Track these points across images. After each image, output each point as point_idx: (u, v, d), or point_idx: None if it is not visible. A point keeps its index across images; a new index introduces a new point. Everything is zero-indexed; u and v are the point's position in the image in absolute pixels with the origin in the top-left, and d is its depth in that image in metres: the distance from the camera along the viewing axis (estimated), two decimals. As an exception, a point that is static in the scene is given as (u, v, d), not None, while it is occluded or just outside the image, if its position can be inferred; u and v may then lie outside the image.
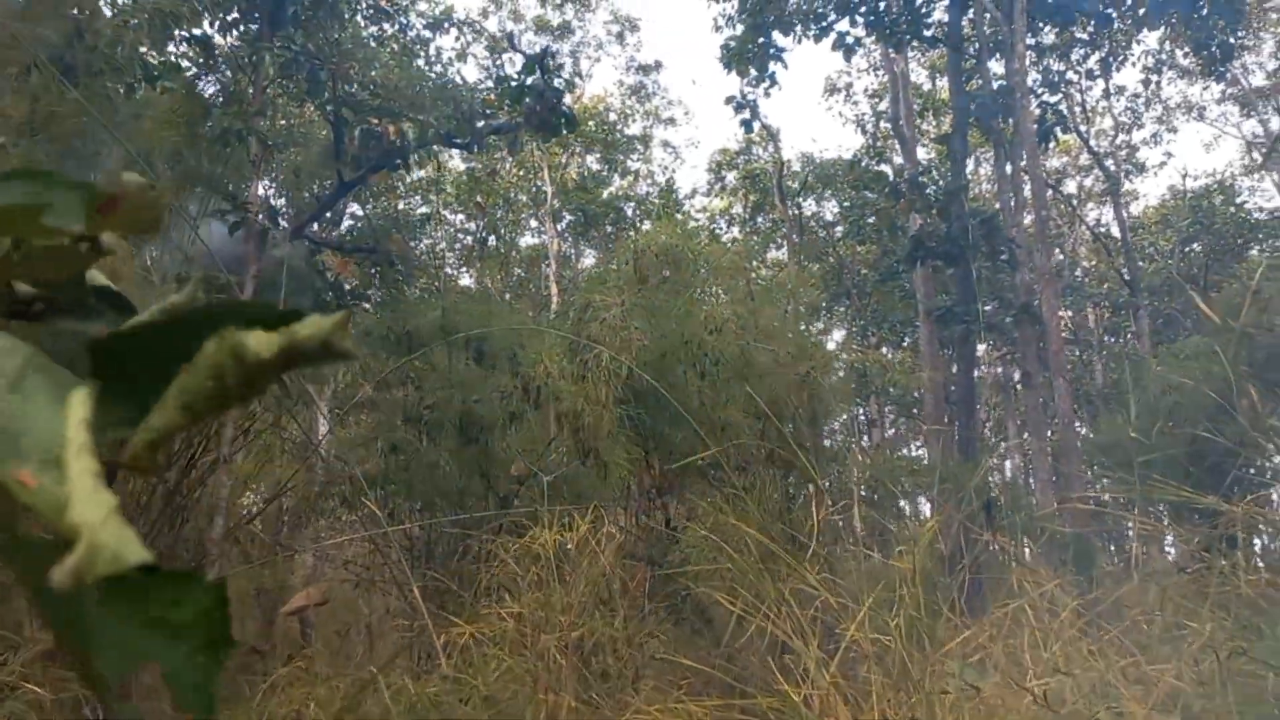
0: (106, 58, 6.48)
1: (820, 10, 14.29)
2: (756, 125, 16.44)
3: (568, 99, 9.79)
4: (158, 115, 7.42)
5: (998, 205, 14.88)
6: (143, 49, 7.28)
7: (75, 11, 6.44)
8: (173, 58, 8.28)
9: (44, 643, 3.05)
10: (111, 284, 0.54)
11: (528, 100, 8.97)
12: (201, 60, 8.77)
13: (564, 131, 9.31)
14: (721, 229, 24.91)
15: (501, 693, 2.96)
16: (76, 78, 6.15)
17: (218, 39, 8.93)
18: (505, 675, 3.05)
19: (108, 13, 7.16)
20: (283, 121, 11.39)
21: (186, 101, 7.46)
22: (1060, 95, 16.33)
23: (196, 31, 8.37)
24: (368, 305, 9.80)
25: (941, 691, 2.20)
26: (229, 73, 9.70)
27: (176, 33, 7.84)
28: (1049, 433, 13.40)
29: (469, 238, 22.42)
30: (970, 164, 18.42)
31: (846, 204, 21.91)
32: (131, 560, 0.33)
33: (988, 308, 11.96)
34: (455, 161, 20.96)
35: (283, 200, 10.51)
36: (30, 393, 0.38)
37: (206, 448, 5.36)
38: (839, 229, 23.11)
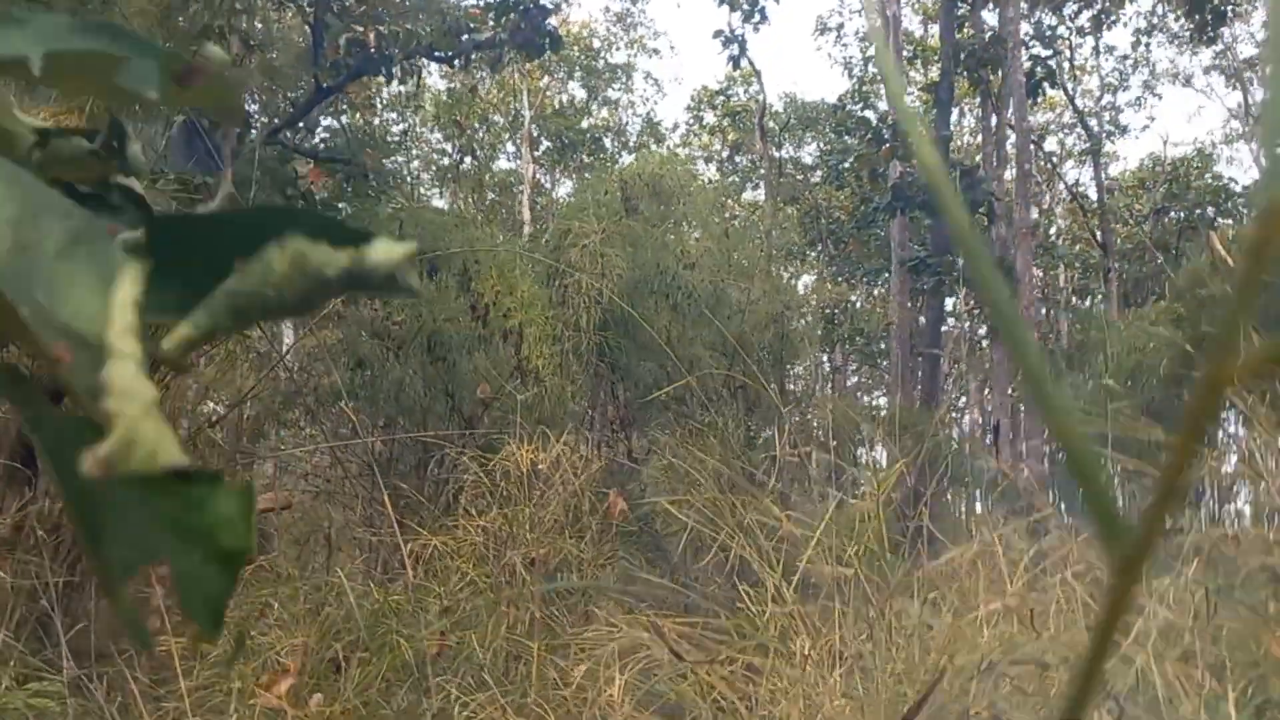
0: (78, -61, 6.22)
1: (816, -54, 14.03)
2: (743, 63, 16.23)
3: (552, 20, 9.58)
4: (131, 6, 7.16)
5: (979, 158, 14.87)
6: (116, -67, 7.00)
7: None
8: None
9: (1, 528, 3.02)
10: (135, 185, 0.51)
11: (512, 16, 8.77)
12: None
13: (548, 51, 9.12)
14: (700, 168, 24.72)
15: (464, 604, 2.99)
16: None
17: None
18: (468, 587, 3.08)
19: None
20: (259, 25, 11.06)
21: (161, -8, 7.20)
22: (1051, 50, 16.23)
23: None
24: (339, 217, 9.64)
25: (897, 626, 2.24)
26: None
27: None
28: (1010, 389, 13.57)
29: (445, 159, 22.09)
30: (954, 115, 18.34)
31: (827, 148, 21.78)
32: (167, 462, 0.31)
33: (961, 261, 12.01)
34: (434, 79, 20.53)
35: (255, 106, 10.27)
36: (80, 262, 0.35)
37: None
38: (818, 173, 23.01)
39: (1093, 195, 21.73)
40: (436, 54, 8.88)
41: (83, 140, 0.42)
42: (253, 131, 8.28)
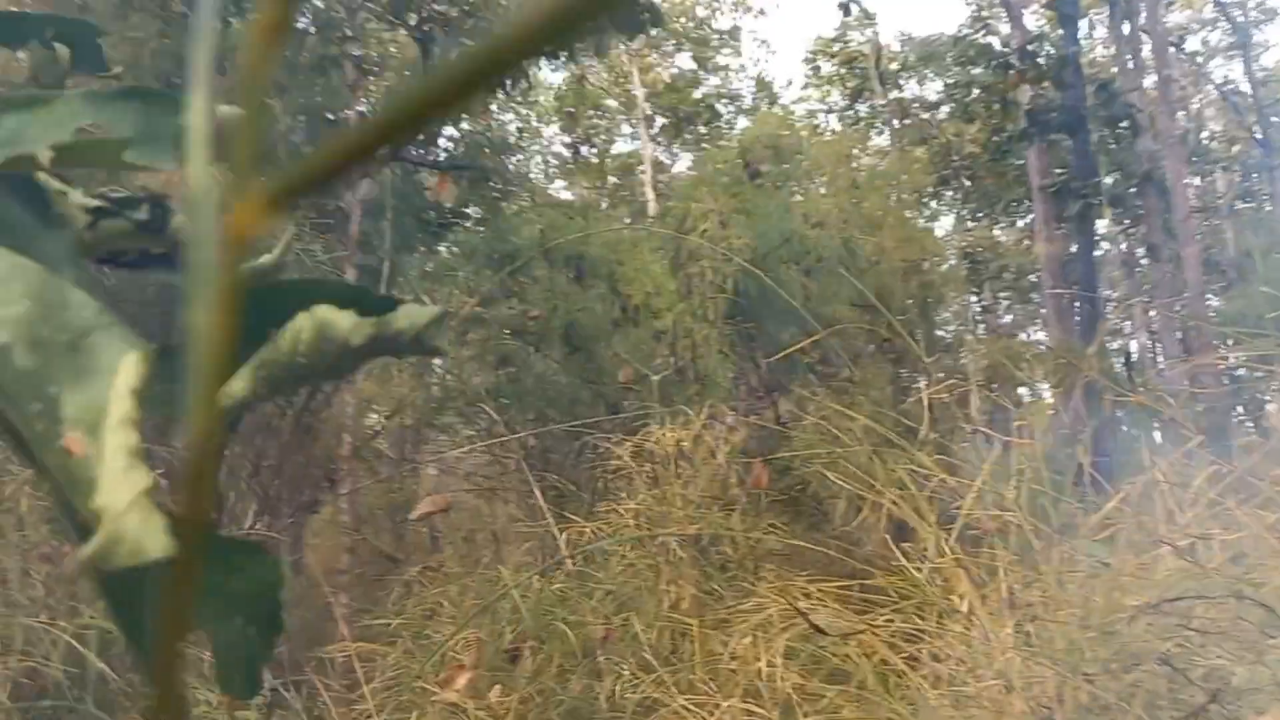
0: (197, -6, 6.56)
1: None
2: (854, 8, 15.76)
3: (652, -5, 9.50)
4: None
5: (1114, 69, 14.01)
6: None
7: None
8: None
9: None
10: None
11: (611, -1, 8.75)
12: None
13: (649, 29, 9.07)
14: (821, 121, 24.17)
15: (624, 587, 3.04)
16: (172, 14, 6.26)
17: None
18: (627, 570, 3.13)
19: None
20: (374, 51, 11.43)
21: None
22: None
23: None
24: (467, 223, 9.93)
25: (1068, 571, 2.15)
26: (320, 1, 9.72)
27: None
28: (1177, 305, 12.79)
29: (564, 151, 22.31)
30: (1084, 26, 17.30)
31: (951, 82, 20.94)
32: (152, 554, 0.31)
33: (1108, 180, 11.33)
34: (545, 73, 20.73)
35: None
36: (91, 352, 0.36)
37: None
38: (944, 109, 22.16)
39: (1246, 91, 20.18)
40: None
41: (126, 222, 0.43)
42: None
